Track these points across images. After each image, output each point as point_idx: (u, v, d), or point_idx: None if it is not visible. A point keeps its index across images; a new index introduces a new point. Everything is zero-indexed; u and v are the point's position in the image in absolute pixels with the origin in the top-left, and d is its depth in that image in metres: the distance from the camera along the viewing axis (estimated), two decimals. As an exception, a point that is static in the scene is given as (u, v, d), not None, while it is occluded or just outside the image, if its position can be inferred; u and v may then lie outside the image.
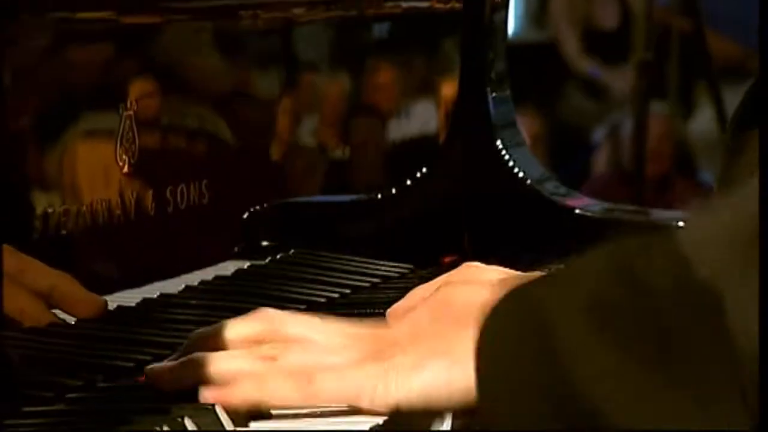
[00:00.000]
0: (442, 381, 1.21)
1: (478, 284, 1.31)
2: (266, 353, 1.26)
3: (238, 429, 1.21)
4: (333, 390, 1.24)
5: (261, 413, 1.24)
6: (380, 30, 1.93)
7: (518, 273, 1.35)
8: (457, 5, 1.94)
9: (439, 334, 1.24)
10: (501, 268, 1.36)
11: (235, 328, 1.29)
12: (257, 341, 1.29)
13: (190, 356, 1.27)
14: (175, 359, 1.29)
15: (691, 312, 1.09)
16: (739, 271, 1.08)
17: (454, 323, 1.23)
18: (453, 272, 1.34)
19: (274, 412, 1.23)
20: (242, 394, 1.23)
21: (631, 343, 1.11)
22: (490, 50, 1.95)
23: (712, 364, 1.08)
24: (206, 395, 1.23)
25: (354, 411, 1.25)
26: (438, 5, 1.94)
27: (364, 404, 1.23)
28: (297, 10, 1.76)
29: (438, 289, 1.32)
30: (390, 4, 1.91)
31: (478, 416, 1.20)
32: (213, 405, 1.21)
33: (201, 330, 1.31)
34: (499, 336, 1.18)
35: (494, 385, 1.17)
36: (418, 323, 1.28)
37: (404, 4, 1.91)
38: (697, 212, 1.15)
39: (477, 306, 1.20)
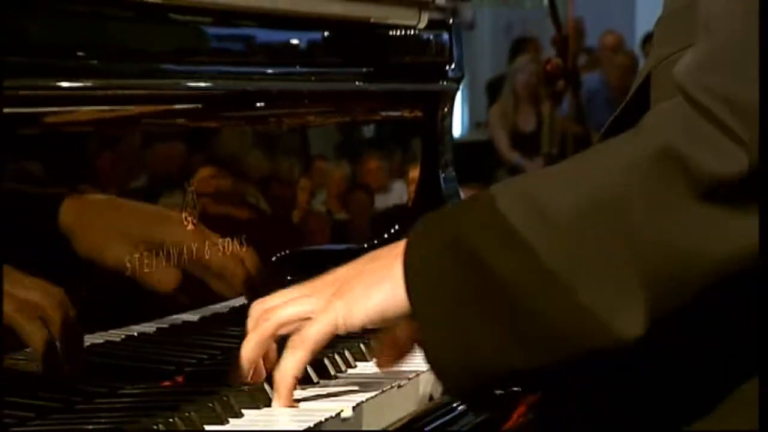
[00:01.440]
0: (389, 298, 1.17)
1: None
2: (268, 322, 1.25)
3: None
4: (317, 332, 1.21)
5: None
6: (368, 131, 1.92)
7: None
8: (419, 114, 1.93)
9: (379, 267, 1.20)
10: None
11: (254, 310, 1.28)
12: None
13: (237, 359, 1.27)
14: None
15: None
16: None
17: (390, 258, 1.18)
18: None
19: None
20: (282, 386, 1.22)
21: (533, 243, 1.07)
22: (441, 145, 1.94)
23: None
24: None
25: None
26: (407, 114, 1.93)
27: (341, 330, 1.21)
28: (310, 117, 1.75)
29: None
30: (374, 114, 1.90)
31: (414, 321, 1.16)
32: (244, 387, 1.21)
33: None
34: (421, 248, 1.15)
35: (420, 286, 1.14)
36: (360, 264, 1.24)
37: (383, 114, 1.90)
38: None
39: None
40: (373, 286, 1.18)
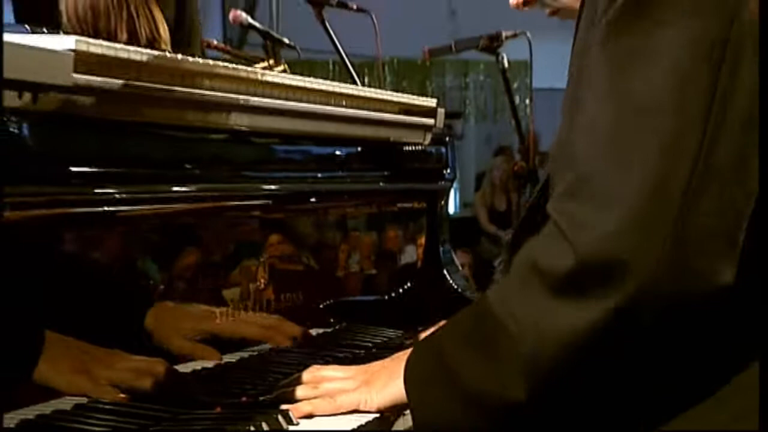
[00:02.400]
0: (396, 393, 1.19)
1: None
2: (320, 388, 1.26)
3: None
4: (346, 403, 1.23)
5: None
6: (389, 215, 1.91)
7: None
8: (424, 205, 1.93)
9: (395, 366, 1.21)
10: None
11: (310, 372, 1.30)
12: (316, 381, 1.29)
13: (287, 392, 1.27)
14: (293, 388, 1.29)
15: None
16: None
17: (402, 361, 1.19)
18: None
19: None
20: (303, 409, 1.23)
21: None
22: (440, 228, 1.94)
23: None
24: (292, 411, 1.22)
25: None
26: (416, 205, 1.92)
27: (363, 408, 1.23)
28: (349, 209, 1.75)
29: None
30: (392, 205, 1.89)
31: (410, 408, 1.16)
32: (276, 413, 1.19)
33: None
34: (414, 359, 1.17)
35: (415, 386, 1.15)
36: (387, 363, 1.26)
37: (399, 205, 1.90)
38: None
39: None
40: (388, 385, 1.21)
